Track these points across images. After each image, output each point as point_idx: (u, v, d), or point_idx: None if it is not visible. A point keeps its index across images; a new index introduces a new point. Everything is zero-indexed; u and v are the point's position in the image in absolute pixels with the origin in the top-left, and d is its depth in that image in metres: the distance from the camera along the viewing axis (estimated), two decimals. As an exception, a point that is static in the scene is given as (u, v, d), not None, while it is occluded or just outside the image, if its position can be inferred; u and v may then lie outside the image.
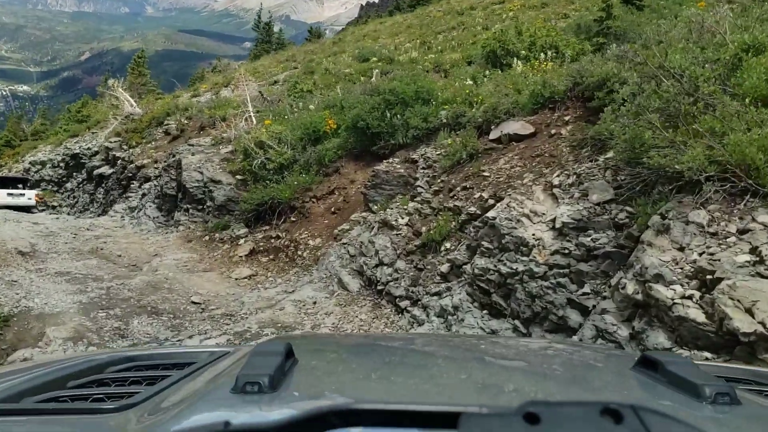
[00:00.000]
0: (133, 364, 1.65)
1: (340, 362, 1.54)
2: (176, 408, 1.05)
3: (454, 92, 11.67)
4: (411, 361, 1.55)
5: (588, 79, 8.30)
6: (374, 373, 1.36)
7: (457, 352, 1.68)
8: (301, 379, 1.15)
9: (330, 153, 12.39)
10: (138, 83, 33.59)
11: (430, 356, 1.62)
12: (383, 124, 11.34)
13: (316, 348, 1.73)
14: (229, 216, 12.87)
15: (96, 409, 1.16)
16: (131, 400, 1.17)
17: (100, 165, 25.17)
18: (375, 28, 39.16)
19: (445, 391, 1.12)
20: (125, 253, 12.11)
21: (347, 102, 12.78)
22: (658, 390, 1.16)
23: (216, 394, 1.09)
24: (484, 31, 26.10)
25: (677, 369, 1.18)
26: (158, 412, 1.07)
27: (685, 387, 1.11)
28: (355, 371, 1.41)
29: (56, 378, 1.42)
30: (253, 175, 13.01)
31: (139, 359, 1.71)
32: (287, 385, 1.04)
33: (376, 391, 1.15)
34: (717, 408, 1.04)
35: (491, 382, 1.24)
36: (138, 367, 1.62)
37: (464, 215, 8.01)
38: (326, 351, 1.68)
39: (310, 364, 1.33)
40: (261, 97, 20.94)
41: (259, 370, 1.03)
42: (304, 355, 1.33)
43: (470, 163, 8.94)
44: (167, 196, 14.90)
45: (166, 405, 1.11)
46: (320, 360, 1.47)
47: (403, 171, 10.32)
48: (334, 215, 11.40)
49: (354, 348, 1.82)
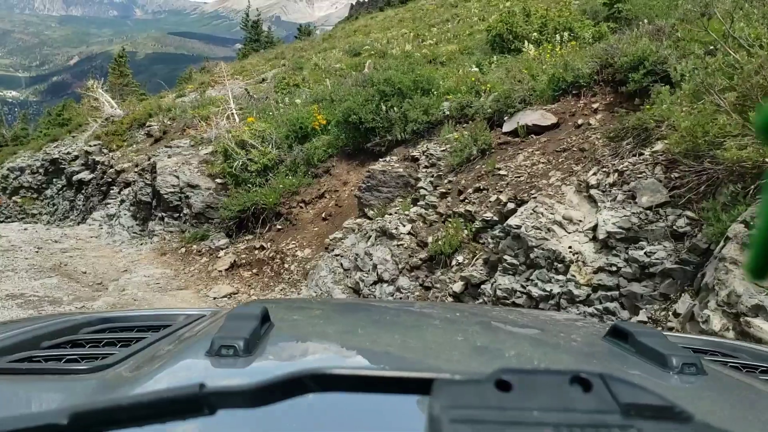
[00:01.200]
0: (107, 326, 1.61)
1: (316, 327, 1.56)
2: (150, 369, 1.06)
3: (457, 81, 10.38)
4: (386, 327, 1.56)
5: (621, 59, 7.02)
6: (350, 338, 1.40)
7: (432, 320, 1.71)
8: (277, 344, 1.17)
9: (319, 152, 11.07)
10: (119, 84, 32.10)
11: (405, 323, 1.65)
12: (378, 118, 10.04)
13: (292, 312, 1.76)
14: (207, 224, 11.51)
15: (70, 369, 1.14)
16: (105, 362, 1.16)
17: (79, 170, 23.91)
18: (366, 23, 37.90)
19: (420, 357, 1.20)
20: (92, 269, 10.75)
21: (337, 95, 11.45)
22: (628, 360, 1.19)
23: (191, 356, 1.12)
24: (480, 22, 24.99)
25: (646, 340, 1.21)
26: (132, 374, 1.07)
27: (653, 357, 1.14)
28: (330, 336, 1.42)
29: (29, 338, 1.39)
30: (234, 178, 11.65)
31: (114, 321, 1.68)
32: (262, 349, 1.06)
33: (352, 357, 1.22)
34: (683, 378, 1.08)
35: (465, 349, 1.29)
36: (113, 329, 1.58)
37: (479, 222, 6.71)
38: (302, 316, 1.72)
39: (286, 328, 1.39)
40: (247, 95, 19.74)
41: (234, 333, 1.04)
42: (280, 319, 1.37)
43: (482, 160, 7.64)
44: (142, 204, 13.51)
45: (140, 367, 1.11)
46: (296, 324, 1.56)
47: (402, 170, 9.02)
48: (324, 222, 10.09)
49: (330, 313, 1.82)
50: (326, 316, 1.76)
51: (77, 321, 1.62)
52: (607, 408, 0.57)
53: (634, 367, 1.14)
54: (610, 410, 0.56)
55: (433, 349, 1.27)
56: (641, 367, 1.13)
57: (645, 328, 1.34)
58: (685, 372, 1.08)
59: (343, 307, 2.18)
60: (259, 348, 1.04)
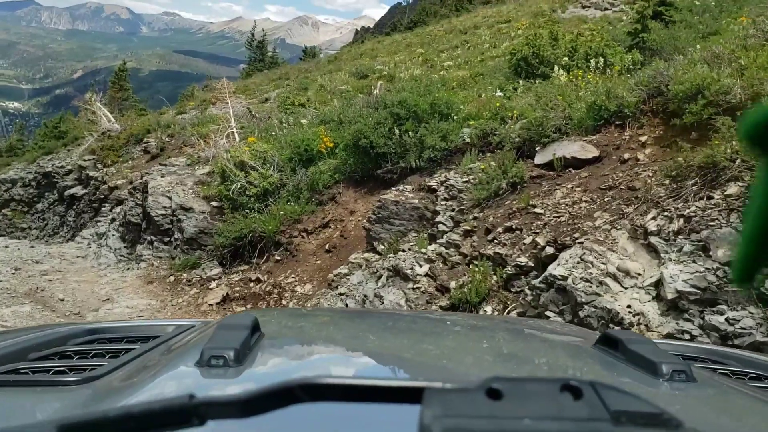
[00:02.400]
0: (96, 337, 1.59)
1: (306, 337, 1.54)
2: (140, 381, 1.05)
3: (478, 106, 9.56)
4: (377, 336, 1.54)
5: (675, 87, 6.17)
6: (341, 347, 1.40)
7: (423, 329, 1.68)
8: (267, 354, 1.15)
9: (324, 177, 10.19)
10: (119, 98, 31.32)
11: (395, 332, 1.61)
12: (391, 143, 9.19)
13: (283, 322, 1.74)
14: (200, 251, 10.56)
15: (57, 381, 1.13)
16: (94, 373, 1.14)
17: (72, 185, 23.11)
18: (372, 47, 37.35)
19: (410, 366, 1.19)
20: (71, 297, 9.78)
21: (347, 116, 10.60)
22: (618, 367, 1.18)
23: (181, 367, 1.10)
24: (492, 49, 24.44)
25: (636, 347, 1.20)
26: (121, 385, 1.05)
27: (643, 365, 1.13)
28: (320, 346, 1.41)
29: (16, 350, 1.36)
30: (231, 201, 10.74)
31: (103, 332, 1.66)
32: (253, 359, 1.05)
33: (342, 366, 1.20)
34: (673, 385, 1.07)
35: (456, 358, 1.29)
36: (101, 340, 1.56)
37: (511, 267, 5.80)
38: (292, 325, 1.69)
39: (276, 338, 1.36)
40: (249, 114, 18.98)
41: (224, 343, 1.02)
42: (271, 329, 1.35)
43: (513, 195, 6.76)
44: (131, 225, 12.56)
45: (129, 378, 1.10)
46: (286, 334, 1.53)
47: (417, 202, 8.13)
48: (328, 254, 9.16)
49: (320, 323, 1.80)
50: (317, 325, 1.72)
51: (65, 332, 1.59)
52: (598, 416, 0.56)
53: (624, 375, 1.13)
54: (600, 418, 0.56)
55: (424, 358, 1.25)
56: (631, 374, 1.12)
57: (635, 336, 1.33)
58: (675, 379, 1.08)
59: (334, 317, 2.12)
60: (249, 358, 1.03)
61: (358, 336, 1.54)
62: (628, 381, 1.09)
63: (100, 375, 1.12)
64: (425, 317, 2.55)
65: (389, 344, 1.42)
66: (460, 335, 1.63)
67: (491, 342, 1.57)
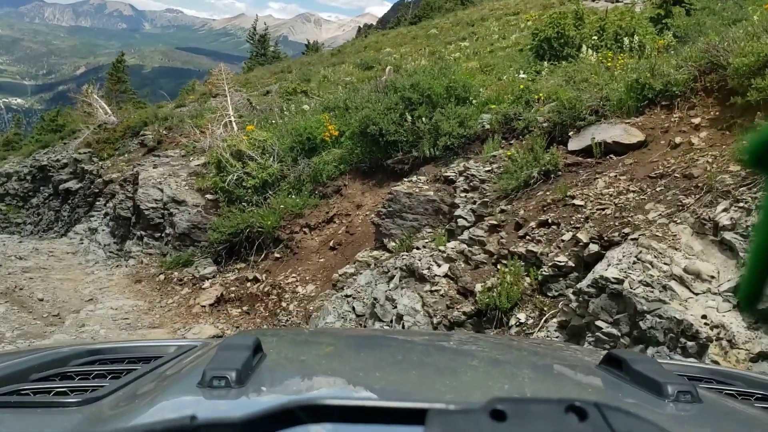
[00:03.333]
0: (97, 358, 1.54)
1: (309, 358, 1.50)
2: (141, 402, 1.03)
3: (498, 89, 8.73)
4: (379, 357, 1.51)
5: (738, 59, 5.33)
6: (343, 369, 1.35)
7: (425, 349, 1.64)
8: (269, 374, 1.13)
9: (329, 168, 9.36)
10: (117, 90, 30.47)
11: (398, 353, 1.58)
12: (402, 130, 8.37)
13: (285, 343, 1.71)
14: (193, 248, 9.74)
15: (59, 402, 1.08)
16: (95, 394, 1.10)
17: (67, 179, 22.40)
18: (377, 39, 36.50)
19: (413, 387, 1.16)
20: (51, 296, 8.98)
21: (353, 102, 9.76)
22: (623, 388, 1.16)
23: (182, 388, 1.07)
24: (501, 40, 23.62)
25: (641, 367, 1.17)
26: (123, 406, 1.03)
27: (648, 385, 1.10)
28: (323, 367, 1.39)
29: (18, 370, 1.31)
30: (227, 194, 9.92)
31: (104, 352, 1.60)
32: (254, 380, 1.02)
33: (345, 387, 1.17)
34: (679, 406, 1.04)
35: (459, 379, 1.27)
36: (103, 361, 1.52)
37: (547, 268, 4.97)
38: (294, 346, 1.66)
39: (278, 359, 1.32)
40: (249, 105, 18.17)
41: (226, 364, 1.00)
42: (273, 350, 1.31)
43: (546, 185, 5.94)
44: (121, 219, 11.75)
45: (131, 399, 1.07)
46: (288, 355, 1.49)
47: (433, 194, 7.30)
48: (333, 252, 8.34)
49: (322, 344, 1.76)
50: (319, 346, 1.67)
51: (66, 353, 1.53)
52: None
53: (629, 395, 1.10)
54: None
55: (427, 379, 1.22)
56: (636, 395, 1.09)
57: (639, 356, 1.28)
58: (681, 400, 1.05)
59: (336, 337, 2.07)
60: (251, 379, 1.01)
61: (360, 357, 1.51)
62: (632, 402, 1.05)
63: (101, 396, 1.08)
64: (429, 337, 2.47)
65: (392, 365, 1.39)
66: (464, 355, 1.59)
67: (495, 362, 1.54)
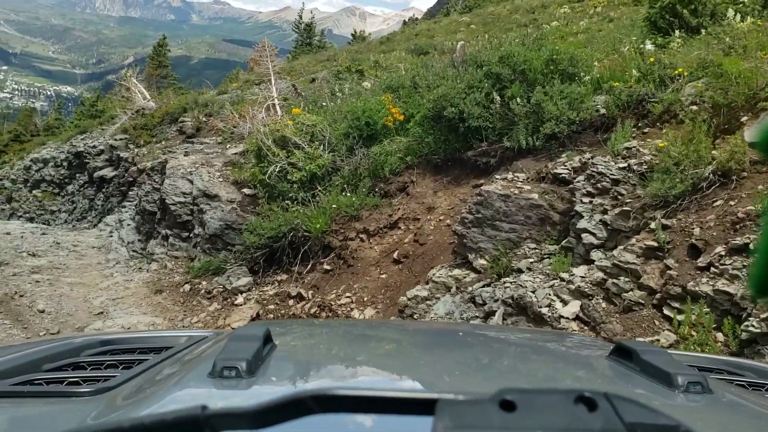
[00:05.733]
0: (109, 348, 1.54)
1: (319, 348, 1.51)
2: (153, 392, 1.02)
3: (611, 65, 6.86)
4: (389, 348, 1.53)
5: None
6: (353, 358, 1.35)
7: (435, 340, 1.65)
8: (279, 364, 1.13)
9: (392, 159, 7.61)
10: (157, 75, 29.30)
11: (408, 344, 1.59)
12: (489, 114, 6.57)
13: (295, 333, 1.70)
14: (225, 252, 8.09)
15: (71, 392, 1.10)
16: (107, 384, 1.11)
17: (102, 166, 21.29)
18: (428, 27, 34.68)
19: (423, 377, 1.16)
20: (55, 307, 7.44)
21: (424, 79, 7.97)
22: (632, 378, 1.15)
23: (193, 378, 1.07)
24: (568, 26, 21.62)
25: (651, 358, 1.16)
26: (134, 396, 1.02)
27: (658, 376, 1.10)
28: (333, 357, 1.38)
29: (31, 360, 1.33)
30: (267, 189, 8.25)
31: (116, 343, 1.60)
32: (265, 370, 1.02)
33: (355, 377, 1.17)
34: (689, 396, 1.04)
35: (468, 369, 1.26)
36: (114, 351, 1.51)
37: (758, 322, 3.13)
38: (304, 337, 1.66)
39: (288, 349, 1.32)
40: (295, 92, 16.64)
41: (237, 354, 1.00)
42: (283, 340, 1.32)
43: (724, 191, 4.07)
44: (147, 214, 10.22)
45: (142, 389, 1.07)
46: (298, 345, 1.48)
47: (537, 197, 5.49)
48: (398, 266, 6.60)
49: (332, 334, 1.77)
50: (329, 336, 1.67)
51: (78, 343, 1.53)
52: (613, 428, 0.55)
53: (638, 386, 1.09)
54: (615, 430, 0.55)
55: (437, 369, 1.22)
56: (646, 386, 1.08)
57: (649, 346, 1.25)
58: (691, 391, 1.04)
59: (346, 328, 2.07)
60: (261, 369, 1.00)
61: (370, 347, 1.47)
62: (642, 392, 1.04)
63: (113, 386, 1.09)
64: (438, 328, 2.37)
65: (402, 356, 1.38)
66: (474, 346, 1.53)
67: (504, 353, 1.50)
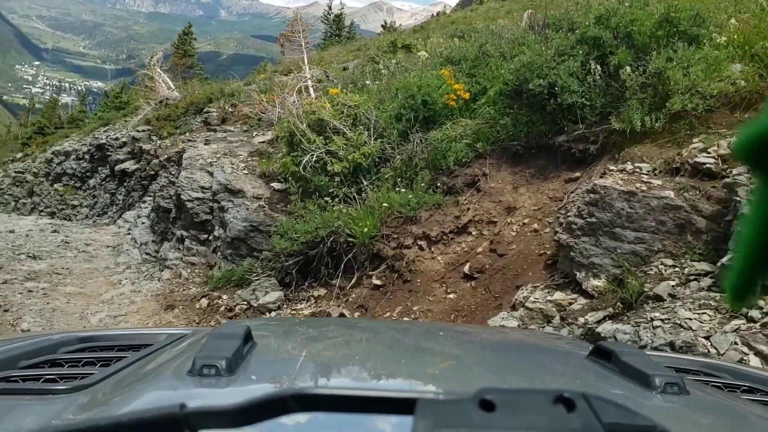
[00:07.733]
0: (87, 345, 1.52)
1: (299, 346, 1.50)
2: (131, 389, 1.03)
3: (742, 28, 5.34)
4: (370, 347, 1.53)
5: None
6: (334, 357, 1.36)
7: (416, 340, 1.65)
8: (259, 363, 1.13)
9: (458, 147, 6.15)
10: (182, 64, 28.25)
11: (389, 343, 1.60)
12: (586, 88, 5.11)
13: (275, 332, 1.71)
14: (251, 259, 6.71)
15: (48, 389, 1.09)
16: (84, 381, 1.11)
17: (124, 159, 20.47)
18: (465, 15, 33.09)
19: (403, 377, 1.17)
20: (44, 326, 6.16)
21: (495, 48, 6.50)
22: (611, 379, 1.17)
23: (172, 376, 1.08)
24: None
25: (629, 359, 1.18)
26: (112, 394, 1.02)
27: (636, 377, 1.11)
28: (314, 356, 1.37)
29: (7, 357, 1.32)
30: (301, 183, 6.85)
31: (94, 340, 1.59)
32: (245, 369, 1.02)
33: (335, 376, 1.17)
34: (666, 397, 1.06)
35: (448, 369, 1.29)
36: (92, 348, 1.49)
37: None
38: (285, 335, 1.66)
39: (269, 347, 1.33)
40: (327, 79, 15.42)
41: (216, 352, 1.00)
42: (263, 338, 1.31)
43: None
44: (162, 211, 8.92)
45: (120, 386, 1.07)
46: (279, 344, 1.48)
47: (674, 195, 4.01)
48: (469, 283, 5.15)
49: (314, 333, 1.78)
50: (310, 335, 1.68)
51: (56, 340, 1.53)
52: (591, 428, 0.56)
53: (616, 387, 1.11)
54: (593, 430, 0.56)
55: (417, 369, 1.24)
56: (624, 386, 1.10)
57: (628, 348, 1.29)
58: (668, 391, 1.06)
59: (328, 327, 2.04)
60: (241, 367, 1.00)
61: (351, 346, 1.50)
62: (620, 393, 1.06)
63: (90, 384, 1.09)
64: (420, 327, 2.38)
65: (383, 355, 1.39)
66: (455, 346, 1.57)
67: (485, 353, 1.52)
